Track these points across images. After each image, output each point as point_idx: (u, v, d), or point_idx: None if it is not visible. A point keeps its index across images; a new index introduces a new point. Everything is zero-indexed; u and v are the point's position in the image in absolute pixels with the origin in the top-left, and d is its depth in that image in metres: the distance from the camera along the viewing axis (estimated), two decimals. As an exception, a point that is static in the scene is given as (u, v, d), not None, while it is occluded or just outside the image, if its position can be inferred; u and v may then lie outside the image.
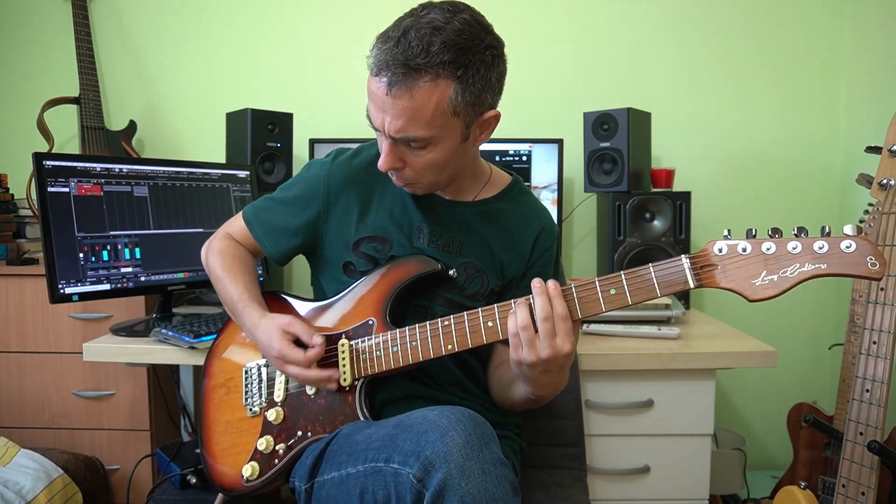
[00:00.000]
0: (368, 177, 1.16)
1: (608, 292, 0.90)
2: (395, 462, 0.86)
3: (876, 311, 1.24)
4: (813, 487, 1.60)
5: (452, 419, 0.86)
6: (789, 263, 0.82)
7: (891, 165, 1.30)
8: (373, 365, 1.04)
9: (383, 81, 0.94)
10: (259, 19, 2.21)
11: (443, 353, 1.00)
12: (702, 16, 2.16)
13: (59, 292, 1.42)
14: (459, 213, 1.15)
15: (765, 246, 0.83)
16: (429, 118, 0.95)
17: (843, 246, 0.80)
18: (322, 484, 0.97)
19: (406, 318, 1.09)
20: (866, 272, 0.79)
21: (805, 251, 0.81)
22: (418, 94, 0.93)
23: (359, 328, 1.08)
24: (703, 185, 2.15)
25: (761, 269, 0.83)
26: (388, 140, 0.99)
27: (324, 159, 1.19)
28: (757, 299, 0.83)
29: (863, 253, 0.79)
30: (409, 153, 1.01)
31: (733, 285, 0.84)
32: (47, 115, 2.04)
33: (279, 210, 1.20)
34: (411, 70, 0.92)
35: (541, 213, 1.20)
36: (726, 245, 0.85)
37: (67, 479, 1.60)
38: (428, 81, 0.93)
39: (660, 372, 1.44)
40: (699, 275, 0.86)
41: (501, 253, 1.15)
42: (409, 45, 0.92)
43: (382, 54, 0.94)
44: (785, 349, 2.11)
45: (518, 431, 1.21)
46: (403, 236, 1.13)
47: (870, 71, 2.04)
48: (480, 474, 0.83)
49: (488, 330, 0.97)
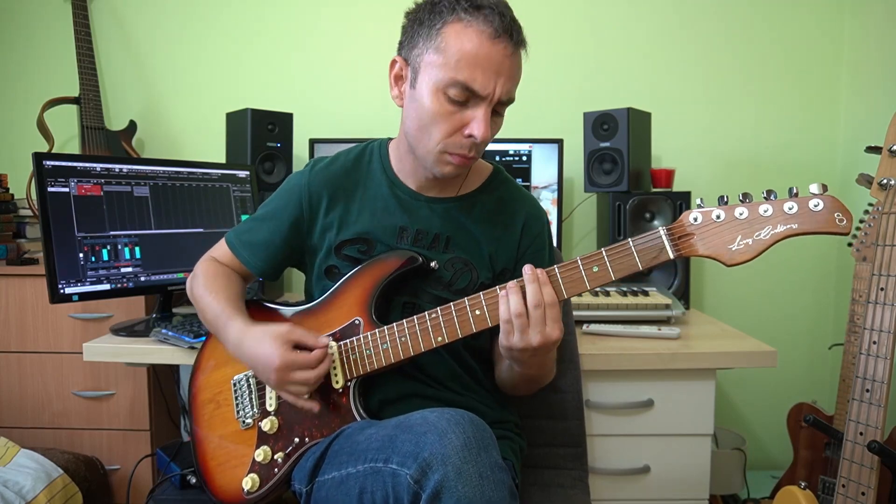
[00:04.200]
0: (348, 181, 1.15)
1: (591, 270, 0.93)
2: (394, 463, 0.86)
3: (876, 311, 1.24)
4: (813, 487, 1.60)
5: (452, 421, 0.86)
6: (762, 226, 0.86)
7: (891, 165, 1.30)
8: (364, 364, 1.03)
9: (506, 44, 0.96)
10: (259, 19, 2.21)
11: (433, 345, 1.00)
12: (702, 16, 2.16)
13: (59, 292, 1.42)
14: (444, 209, 1.13)
15: (738, 211, 0.87)
16: (520, 79, 1.02)
17: (811, 205, 0.83)
18: (322, 484, 0.97)
19: (392, 316, 1.09)
20: (835, 228, 0.83)
21: (776, 213, 0.85)
22: (522, 56, 1.01)
23: (346, 329, 1.07)
24: (703, 185, 2.15)
25: (736, 234, 0.87)
26: (489, 106, 0.99)
27: (303, 169, 1.19)
28: (734, 263, 0.87)
29: (830, 210, 0.83)
30: (493, 121, 1.02)
31: (711, 252, 0.88)
32: (47, 115, 2.04)
33: (261, 227, 1.18)
34: (520, 32, 0.99)
35: (525, 200, 1.20)
36: (700, 213, 0.89)
37: (67, 479, 1.60)
38: (524, 46, 1.01)
39: (660, 372, 1.43)
40: (677, 244, 0.89)
41: (490, 245, 1.14)
42: (509, 10, 0.98)
43: (497, 19, 0.95)
44: (785, 349, 2.11)
45: (518, 431, 1.20)
46: (387, 237, 1.12)
47: (870, 71, 2.04)
48: (478, 478, 0.82)
49: (476, 318, 0.98)
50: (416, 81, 1.01)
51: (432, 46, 0.97)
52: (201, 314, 1.16)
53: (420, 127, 1.02)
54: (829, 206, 0.82)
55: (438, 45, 0.97)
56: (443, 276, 1.11)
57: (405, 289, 1.10)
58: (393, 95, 1.07)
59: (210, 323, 1.13)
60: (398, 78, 1.05)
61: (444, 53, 0.96)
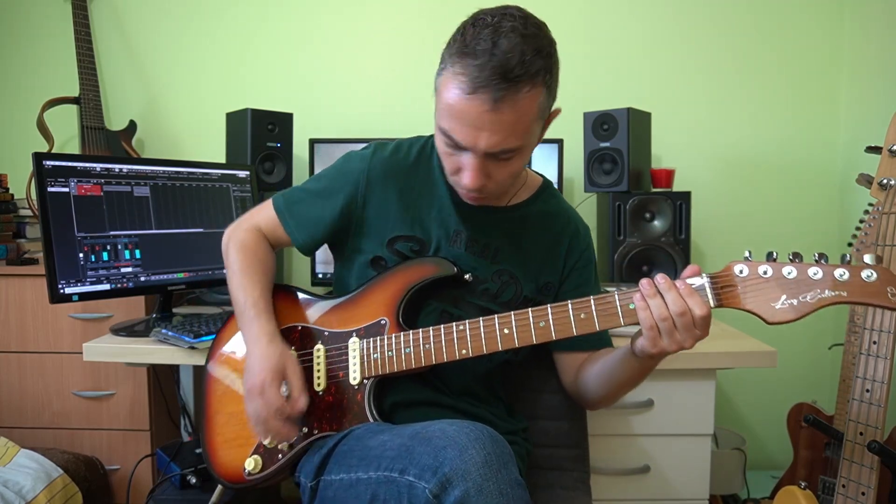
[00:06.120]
0: (410, 174, 1.14)
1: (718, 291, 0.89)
2: (411, 475, 0.85)
3: (876, 311, 1.24)
4: (813, 487, 1.60)
5: (472, 436, 0.85)
6: (809, 289, 0.83)
7: (891, 165, 1.30)
8: (383, 365, 1.03)
9: (483, 98, 0.89)
10: (259, 19, 2.21)
11: (456, 357, 0.99)
12: (702, 16, 2.16)
13: (59, 292, 1.42)
14: (498, 218, 1.13)
15: (785, 270, 0.85)
16: (524, 128, 0.94)
17: (863, 275, 0.81)
18: (329, 483, 0.97)
19: (427, 322, 1.08)
20: (887, 302, 0.80)
21: (826, 278, 0.82)
22: (519, 106, 0.91)
23: (371, 327, 1.07)
24: (703, 185, 2.15)
25: (781, 294, 0.84)
26: (477, 157, 0.95)
27: (363, 152, 1.16)
28: (776, 322, 0.85)
29: (884, 283, 0.80)
30: (493, 166, 0.97)
31: (753, 307, 0.86)
32: (47, 115, 2.04)
33: (313, 202, 1.16)
34: (512, 83, 0.88)
35: (572, 216, 1.20)
36: (747, 267, 0.87)
37: (67, 479, 1.60)
38: (528, 92, 0.90)
39: (660, 372, 1.42)
40: (719, 294, 0.88)
41: (537, 258, 1.14)
42: (505, 57, 0.88)
43: (476, 71, 0.88)
44: (785, 349, 2.11)
45: (525, 436, 1.21)
46: (441, 239, 1.12)
47: (870, 71, 2.04)
48: (498, 495, 0.82)
49: (504, 337, 0.97)
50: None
51: (436, 87, 0.97)
52: (230, 284, 1.16)
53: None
54: (882, 278, 0.80)
55: (437, 87, 0.97)
56: (489, 287, 1.11)
57: (444, 296, 1.10)
58: None
59: (236, 301, 1.14)
60: None
61: (438, 99, 0.96)
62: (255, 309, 1.09)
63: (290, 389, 1.02)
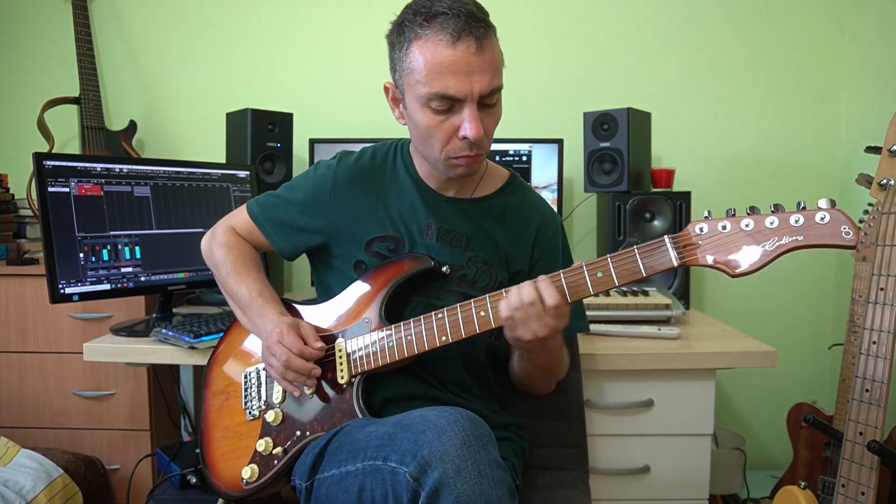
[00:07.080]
0: (375, 176, 1.18)
1: (595, 275, 0.94)
2: (393, 461, 0.87)
3: (876, 311, 1.24)
4: (813, 487, 1.60)
5: (451, 419, 0.87)
6: (768, 237, 0.85)
7: (891, 165, 1.30)
8: (369, 361, 1.06)
9: (468, 42, 0.97)
10: (259, 19, 2.21)
11: (437, 344, 1.02)
12: (702, 16, 2.16)
13: (59, 292, 1.42)
14: (464, 209, 1.17)
15: (744, 223, 0.87)
16: (501, 66, 1.03)
17: (817, 218, 0.83)
18: (322, 481, 0.98)
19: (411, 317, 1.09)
20: (841, 241, 0.82)
21: (782, 225, 0.84)
22: (494, 45, 1.01)
23: (355, 327, 1.09)
24: (703, 185, 2.15)
25: (741, 245, 0.87)
26: (473, 105, 1.00)
27: (329, 161, 1.21)
28: (739, 274, 0.87)
29: (836, 223, 0.82)
30: (484, 116, 1.03)
31: (715, 261, 0.88)
32: (47, 115, 2.04)
33: (287, 208, 1.20)
34: (483, 23, 0.99)
35: (540, 206, 1.23)
36: (706, 224, 0.89)
37: (67, 479, 1.60)
38: (493, 33, 1.02)
39: (660, 372, 1.43)
40: (682, 253, 0.90)
41: (506, 246, 1.17)
42: (468, 6, 0.98)
43: (452, 22, 0.96)
44: (785, 349, 2.11)
45: (520, 433, 1.21)
46: (414, 234, 1.15)
47: (870, 71, 2.04)
48: (476, 475, 0.83)
49: (480, 319, 1.00)
50: (405, 102, 1.06)
51: (406, 67, 1.01)
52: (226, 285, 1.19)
53: (422, 141, 1.07)
54: (835, 219, 0.82)
55: (410, 64, 1.01)
56: (467, 273, 1.14)
57: (425, 289, 1.13)
58: (395, 117, 1.12)
59: (238, 298, 1.17)
60: (395, 101, 1.10)
61: (417, 71, 1.00)
62: (262, 298, 1.14)
63: (306, 338, 1.06)
